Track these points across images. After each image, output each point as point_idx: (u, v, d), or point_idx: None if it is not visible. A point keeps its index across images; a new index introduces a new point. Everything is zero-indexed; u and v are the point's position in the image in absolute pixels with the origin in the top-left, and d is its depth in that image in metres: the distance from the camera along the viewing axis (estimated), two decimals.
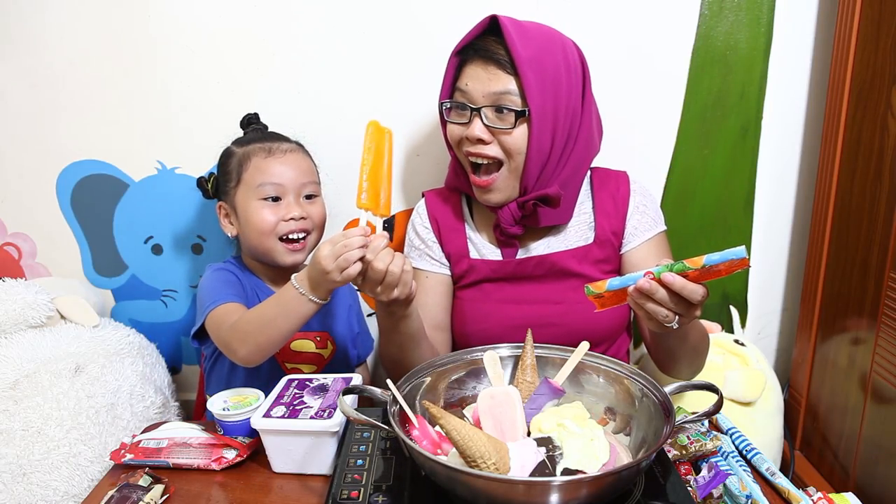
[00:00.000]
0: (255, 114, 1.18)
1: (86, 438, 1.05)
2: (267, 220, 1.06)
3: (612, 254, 1.06)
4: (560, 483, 0.62)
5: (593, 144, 1.05)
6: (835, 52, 1.13)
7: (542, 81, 0.95)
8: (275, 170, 1.07)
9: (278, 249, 1.08)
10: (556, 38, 1.00)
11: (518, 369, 0.85)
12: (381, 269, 0.85)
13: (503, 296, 1.07)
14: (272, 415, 0.84)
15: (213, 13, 1.23)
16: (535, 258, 1.05)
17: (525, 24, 0.98)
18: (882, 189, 1.01)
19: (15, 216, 1.38)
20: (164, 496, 0.82)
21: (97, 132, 1.31)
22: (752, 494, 0.78)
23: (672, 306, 0.75)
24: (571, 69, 0.98)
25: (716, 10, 1.20)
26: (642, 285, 0.74)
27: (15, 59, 1.27)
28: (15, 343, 1.11)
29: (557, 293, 1.05)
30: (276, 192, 1.06)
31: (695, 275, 0.73)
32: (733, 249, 0.69)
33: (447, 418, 0.64)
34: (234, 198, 1.09)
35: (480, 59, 0.97)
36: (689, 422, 0.72)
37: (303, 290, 0.88)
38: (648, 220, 1.07)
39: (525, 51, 0.94)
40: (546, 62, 0.95)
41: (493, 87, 0.96)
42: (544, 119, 0.96)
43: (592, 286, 0.78)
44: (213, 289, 1.05)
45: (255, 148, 1.08)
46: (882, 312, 1.01)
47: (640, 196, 1.08)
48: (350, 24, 1.23)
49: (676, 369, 1.01)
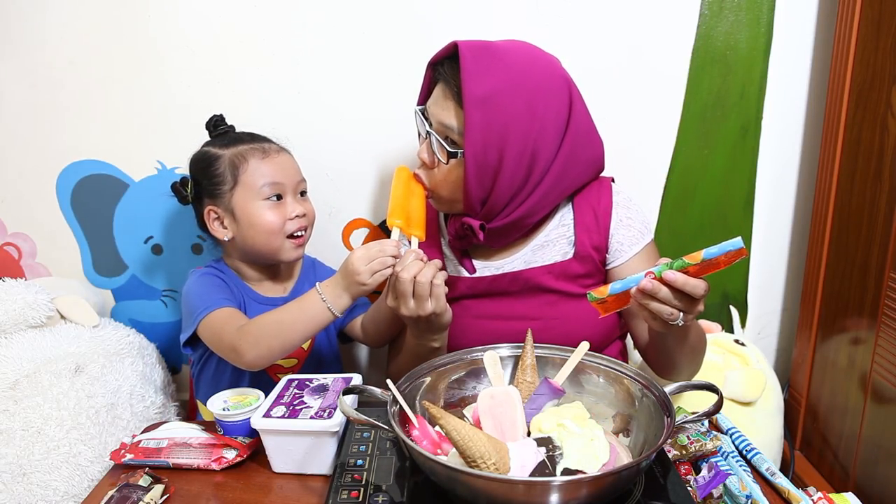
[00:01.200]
0: (221, 115, 1.17)
1: (86, 438, 1.05)
2: (275, 220, 1.07)
3: (593, 269, 1.02)
4: (560, 483, 0.62)
5: (574, 172, 0.98)
6: (835, 52, 1.13)
7: (489, 123, 0.89)
8: (274, 170, 1.08)
9: (286, 247, 1.10)
10: (529, 71, 0.92)
11: (518, 369, 0.85)
12: (407, 278, 0.86)
13: (481, 311, 1.04)
14: (272, 415, 0.84)
15: (213, 13, 1.23)
16: (510, 274, 1.02)
17: (497, 52, 0.92)
18: (882, 189, 1.01)
19: (15, 216, 1.38)
20: (164, 496, 0.82)
21: (97, 132, 1.31)
22: (752, 494, 0.78)
23: (676, 303, 0.75)
24: (542, 110, 0.92)
25: (716, 10, 1.20)
26: (645, 286, 0.75)
27: (15, 59, 1.27)
28: (15, 343, 1.11)
29: (534, 309, 1.02)
30: (278, 191, 1.08)
31: (695, 270, 0.73)
32: (730, 241, 0.70)
33: (447, 418, 0.65)
34: (231, 200, 1.08)
35: (442, 84, 0.94)
36: (689, 422, 0.72)
37: (325, 298, 0.92)
38: (634, 234, 1.02)
39: (478, 88, 0.88)
40: (502, 101, 0.89)
41: (442, 118, 0.93)
42: (485, 161, 0.91)
43: (595, 292, 0.78)
44: (203, 294, 1.06)
45: (248, 149, 1.08)
46: (882, 312, 1.01)
47: (624, 209, 1.03)
48: (350, 24, 1.23)
49: (676, 371, 0.99)
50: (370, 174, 1.31)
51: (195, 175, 1.12)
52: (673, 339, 0.91)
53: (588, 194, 1.03)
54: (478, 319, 1.04)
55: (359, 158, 1.30)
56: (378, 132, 1.29)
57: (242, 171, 1.07)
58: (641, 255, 1.02)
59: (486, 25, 1.21)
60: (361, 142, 1.29)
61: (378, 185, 1.32)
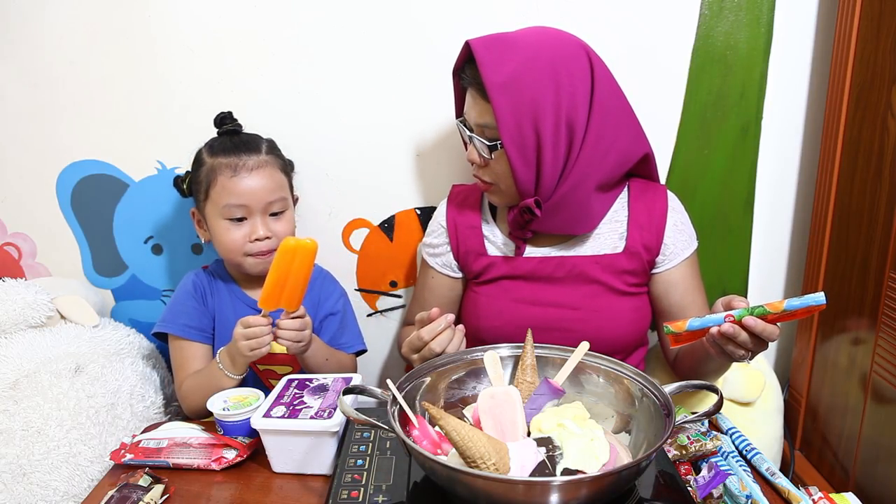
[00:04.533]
0: (229, 112, 1.17)
1: (86, 438, 1.05)
2: (233, 240, 1.09)
3: (639, 267, 1.04)
4: (560, 483, 0.62)
5: (610, 144, 0.98)
6: (835, 52, 1.13)
7: (518, 104, 0.92)
8: (240, 189, 1.07)
9: (248, 262, 1.12)
10: (544, 47, 0.94)
11: (518, 369, 0.85)
12: (438, 350, 0.89)
13: (520, 295, 1.06)
14: (272, 415, 0.84)
15: (213, 13, 1.23)
16: (556, 259, 1.04)
17: (508, 39, 0.95)
18: (882, 189, 1.01)
19: (15, 216, 1.38)
20: (164, 496, 0.82)
21: (97, 132, 1.31)
22: (752, 494, 0.78)
23: (750, 346, 0.81)
24: (566, 76, 0.93)
25: (716, 10, 1.20)
26: (727, 330, 0.79)
27: (15, 59, 1.27)
28: (15, 343, 1.11)
29: (576, 298, 1.04)
30: (241, 214, 1.09)
31: (773, 318, 0.78)
32: (813, 296, 0.74)
33: (446, 419, 0.65)
34: (205, 210, 1.12)
35: (470, 86, 0.98)
36: (689, 422, 0.72)
37: (222, 366, 1.02)
38: (686, 238, 1.06)
39: (497, 75, 0.92)
40: (525, 80, 0.92)
41: (477, 118, 0.98)
42: (524, 143, 0.94)
43: (672, 325, 0.81)
44: (173, 306, 1.15)
45: (222, 164, 1.08)
46: (882, 312, 1.01)
47: (679, 214, 1.07)
48: (350, 24, 1.23)
49: None
50: (370, 174, 1.31)
51: (191, 173, 1.15)
52: (719, 364, 0.97)
53: (644, 195, 1.06)
54: (517, 303, 1.06)
55: (359, 159, 1.30)
56: (378, 132, 1.28)
57: (213, 186, 1.08)
58: (689, 261, 1.07)
59: (486, 26, 1.21)
60: (361, 142, 1.29)
61: (378, 185, 1.32)
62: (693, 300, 1.07)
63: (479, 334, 1.08)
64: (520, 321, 1.03)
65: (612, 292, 1.04)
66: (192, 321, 1.13)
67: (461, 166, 1.29)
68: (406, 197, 1.33)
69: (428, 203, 1.33)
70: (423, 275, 1.18)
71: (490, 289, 1.08)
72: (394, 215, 1.34)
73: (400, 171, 1.31)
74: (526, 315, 1.04)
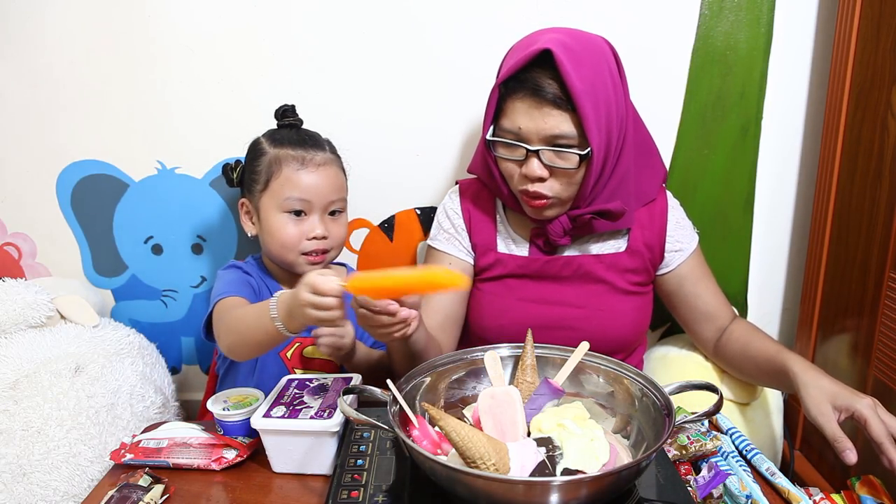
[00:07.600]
0: (292, 105, 1.13)
1: (86, 438, 1.05)
2: (290, 236, 1.05)
3: (641, 265, 1.06)
4: (560, 483, 0.62)
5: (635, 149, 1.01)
6: (835, 52, 1.13)
7: (597, 112, 0.89)
8: (305, 184, 1.04)
9: (300, 262, 1.07)
10: (599, 50, 0.93)
11: (518, 369, 0.85)
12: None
13: (525, 294, 1.06)
14: (272, 415, 0.84)
15: (213, 13, 1.23)
16: (563, 258, 1.04)
17: (573, 46, 0.90)
18: (882, 189, 1.01)
19: (15, 216, 1.38)
20: (164, 496, 0.82)
21: (97, 132, 1.31)
22: (752, 494, 0.78)
23: None
24: (615, 79, 0.94)
25: (716, 10, 1.20)
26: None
27: (15, 59, 1.27)
28: (15, 343, 1.11)
29: (581, 297, 1.05)
30: (301, 207, 1.05)
31: None
32: None
33: (446, 419, 0.65)
34: (259, 201, 1.07)
35: (531, 97, 0.90)
36: (689, 422, 0.72)
37: (276, 312, 0.83)
38: (688, 233, 1.10)
39: (581, 83, 0.87)
40: (599, 88, 0.90)
41: (548, 129, 0.90)
42: (608, 149, 0.94)
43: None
44: (220, 286, 1.06)
45: (289, 155, 1.05)
46: (882, 312, 1.01)
47: (679, 211, 1.10)
48: (350, 24, 1.23)
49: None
50: (370, 174, 1.30)
51: (244, 163, 1.11)
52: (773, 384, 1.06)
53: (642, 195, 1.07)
54: (523, 302, 1.06)
55: (359, 159, 1.30)
56: (378, 132, 1.29)
57: (275, 177, 1.04)
58: (695, 254, 1.09)
59: (486, 26, 1.21)
60: (361, 142, 1.28)
61: (378, 185, 1.32)
62: (706, 287, 1.10)
63: (484, 333, 1.08)
64: (524, 320, 1.03)
65: (616, 291, 1.05)
66: (248, 293, 1.06)
67: (461, 166, 1.29)
68: (406, 197, 1.33)
69: (428, 203, 1.33)
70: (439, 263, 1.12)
71: (495, 286, 1.08)
72: (394, 215, 1.34)
73: (400, 171, 1.31)
74: (530, 314, 1.05)
